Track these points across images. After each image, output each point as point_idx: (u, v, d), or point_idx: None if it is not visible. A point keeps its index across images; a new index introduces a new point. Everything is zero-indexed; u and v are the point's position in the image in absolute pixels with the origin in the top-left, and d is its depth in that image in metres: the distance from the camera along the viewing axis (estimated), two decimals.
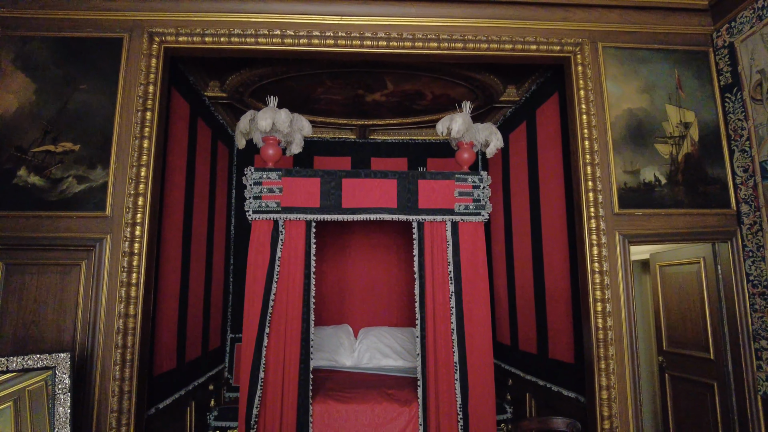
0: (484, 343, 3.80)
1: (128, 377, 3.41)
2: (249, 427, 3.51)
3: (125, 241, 3.58)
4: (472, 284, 3.88)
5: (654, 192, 4.01)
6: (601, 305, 3.74)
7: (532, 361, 4.94)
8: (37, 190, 3.69)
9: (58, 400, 2.93)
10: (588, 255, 3.80)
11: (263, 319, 3.67)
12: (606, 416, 3.63)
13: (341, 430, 3.69)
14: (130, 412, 3.39)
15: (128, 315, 3.47)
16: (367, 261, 6.28)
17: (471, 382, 3.75)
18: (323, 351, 5.46)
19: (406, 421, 3.75)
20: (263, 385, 3.60)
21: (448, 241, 3.92)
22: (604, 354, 3.69)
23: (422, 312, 3.85)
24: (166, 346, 4.14)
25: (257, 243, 3.81)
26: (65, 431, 2.88)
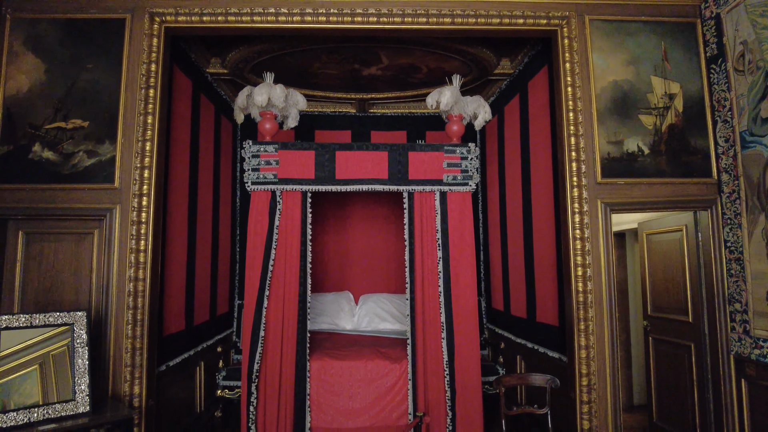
0: (470, 305, 4.04)
1: (139, 335, 3.71)
2: (251, 381, 3.83)
3: (133, 211, 3.85)
4: (459, 250, 4.10)
5: (637, 162, 4.16)
6: (581, 270, 3.94)
7: (522, 325, 5.19)
8: (51, 164, 3.95)
9: (77, 353, 3.24)
10: (570, 222, 3.99)
11: (263, 283, 3.94)
12: (584, 374, 3.87)
13: (337, 385, 3.99)
14: (142, 367, 3.71)
15: (138, 279, 3.76)
16: (366, 231, 6.52)
17: (457, 341, 4.01)
18: (325, 315, 5.76)
19: (396, 377, 4.04)
20: (264, 343, 3.89)
21: (436, 210, 4.13)
22: (584, 316, 3.91)
23: (411, 276, 4.09)
24: (175, 309, 4.44)
25: (256, 212, 4.06)
26: (84, 380, 3.20)
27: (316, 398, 3.95)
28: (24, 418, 2.92)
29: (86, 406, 3.15)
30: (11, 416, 2.88)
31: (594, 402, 3.86)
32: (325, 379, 4.00)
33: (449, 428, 3.94)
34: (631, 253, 6.37)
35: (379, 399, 3.99)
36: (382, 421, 3.95)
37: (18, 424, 2.89)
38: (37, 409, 2.98)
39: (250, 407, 3.82)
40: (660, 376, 4.83)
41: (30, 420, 2.93)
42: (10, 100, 3.98)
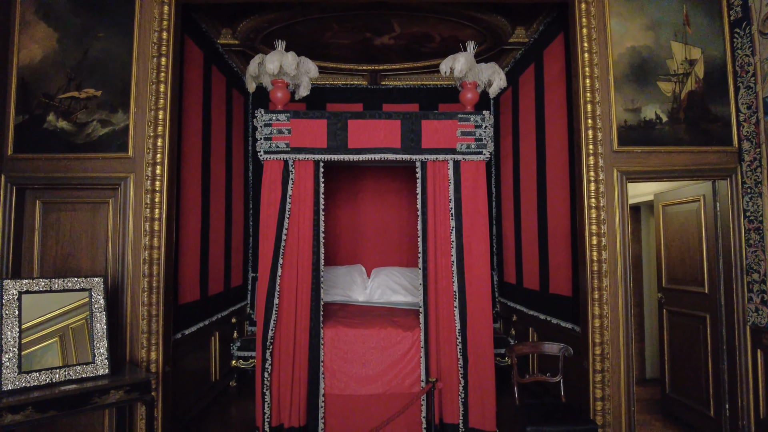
0: (482, 275, 4.03)
1: (155, 302, 3.77)
2: (265, 348, 3.87)
3: (147, 180, 3.87)
4: (471, 220, 4.07)
5: (654, 130, 4.07)
6: (596, 239, 3.90)
7: (534, 297, 5.18)
8: (66, 134, 3.98)
9: (95, 317, 3.29)
10: (585, 191, 3.94)
11: (276, 252, 3.95)
12: (598, 342, 3.86)
13: (350, 352, 4.02)
14: (158, 333, 3.77)
15: (153, 247, 3.80)
16: (378, 206, 6.52)
17: (470, 310, 4.01)
18: (338, 288, 5.80)
19: (409, 345, 4.06)
20: (278, 310, 3.93)
21: (449, 179, 4.09)
22: (598, 285, 3.89)
23: (424, 246, 4.08)
24: (190, 278, 4.49)
25: (269, 182, 4.06)
26: (103, 343, 3.26)
27: (329, 365, 3.99)
28: (46, 379, 2.99)
29: (105, 369, 3.22)
30: (34, 376, 2.95)
31: (607, 371, 3.86)
32: (338, 346, 4.03)
33: (461, 396, 3.96)
34: (646, 227, 6.29)
35: (391, 366, 4.02)
36: (394, 388, 3.99)
37: (41, 384, 2.96)
38: (59, 371, 3.05)
39: (264, 373, 3.88)
40: (673, 348, 4.80)
41: (52, 380, 3.00)
42: (24, 70, 4.00)
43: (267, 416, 3.87)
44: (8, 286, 3.03)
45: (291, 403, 3.89)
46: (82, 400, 2.95)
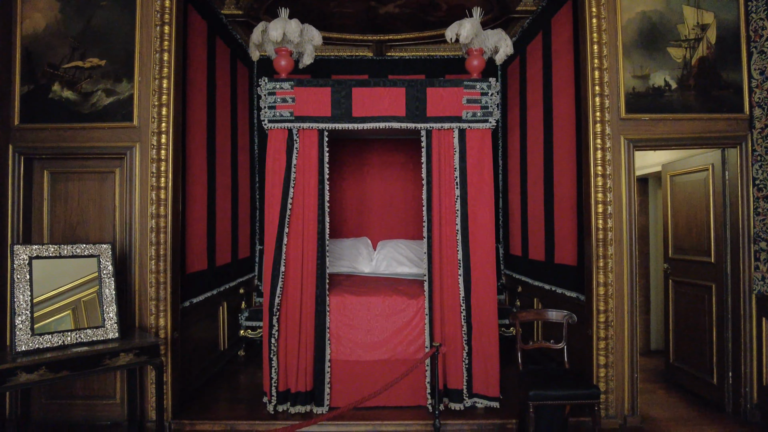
0: (486, 244, 4.04)
1: (163, 270, 3.82)
2: (272, 315, 3.92)
3: (152, 149, 3.88)
4: (476, 189, 4.06)
5: (663, 97, 4.01)
6: (602, 207, 3.89)
7: (539, 268, 5.18)
8: (71, 103, 3.99)
9: (104, 283, 3.35)
10: (592, 159, 3.91)
11: (282, 220, 3.98)
12: (602, 310, 3.88)
13: (355, 319, 4.07)
14: (166, 300, 3.83)
15: (159, 215, 3.83)
16: (384, 178, 6.50)
17: (474, 278, 4.02)
18: (343, 259, 5.84)
19: (413, 312, 4.10)
20: (284, 278, 3.97)
21: (455, 148, 4.07)
22: (603, 253, 3.89)
23: (429, 215, 4.08)
24: (197, 248, 4.54)
25: (274, 151, 4.06)
26: (112, 308, 3.32)
27: (335, 331, 4.04)
28: (58, 341, 3.06)
29: (115, 333, 3.29)
30: (47, 338, 3.03)
31: (611, 339, 3.89)
32: (344, 313, 4.08)
33: (465, 362, 4.01)
34: (653, 199, 6.24)
35: (396, 333, 4.06)
36: (399, 354, 4.04)
37: (53, 346, 3.03)
38: (70, 333, 3.12)
39: (271, 339, 3.94)
40: (678, 318, 4.81)
41: (64, 343, 3.08)
42: (28, 40, 3.99)
43: (274, 381, 3.95)
44: (19, 252, 3.08)
45: (298, 368, 3.96)
46: (94, 362, 3.02)
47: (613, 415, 3.91)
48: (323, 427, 3.76)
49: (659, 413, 4.17)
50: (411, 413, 3.93)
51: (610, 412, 3.90)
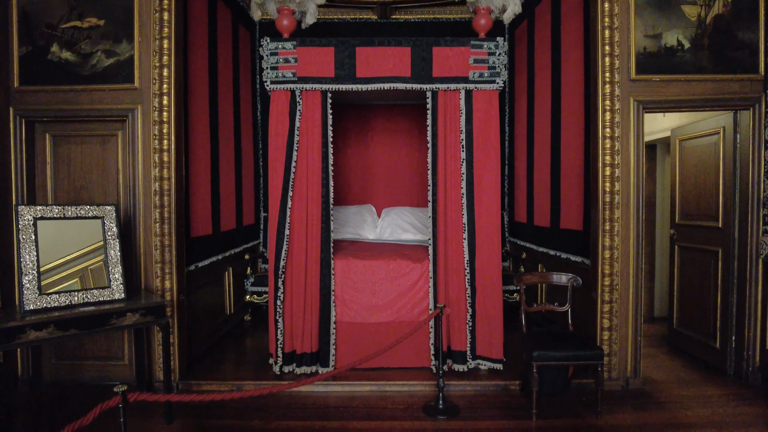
0: (492, 206, 4.01)
1: (167, 233, 3.82)
2: (277, 277, 3.94)
3: (154, 111, 3.84)
4: (483, 152, 4.01)
5: (675, 57, 3.91)
6: (609, 170, 3.83)
7: (544, 234, 5.16)
8: (70, 65, 3.92)
9: (109, 245, 3.36)
10: (600, 121, 3.83)
11: (286, 184, 3.95)
12: (607, 274, 3.87)
13: (360, 282, 4.08)
14: (171, 263, 3.84)
15: (163, 178, 3.81)
16: (389, 145, 6.43)
17: (478, 241, 4.01)
18: (348, 226, 5.83)
19: (418, 276, 4.10)
20: (289, 241, 3.97)
21: (461, 109, 4.00)
22: (610, 217, 3.85)
23: (434, 179, 4.04)
24: (201, 212, 4.53)
25: (276, 113, 4.00)
26: (118, 269, 3.33)
27: (340, 294, 4.06)
28: (66, 301, 3.08)
29: (121, 294, 3.31)
30: (54, 298, 3.05)
31: (615, 302, 3.89)
32: (348, 276, 4.09)
33: (469, 324, 4.03)
34: (661, 166, 6.17)
35: (401, 296, 4.08)
36: (403, 316, 4.06)
37: (61, 305, 3.05)
38: (77, 293, 3.14)
39: (277, 302, 3.97)
40: (683, 284, 4.80)
41: (71, 302, 3.10)
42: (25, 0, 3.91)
43: (280, 342, 3.99)
44: (23, 212, 3.07)
45: (303, 330, 3.99)
46: (101, 321, 3.05)
47: (616, 378, 3.94)
48: (329, 387, 3.82)
49: (661, 376, 4.21)
50: (415, 374, 3.97)
51: (613, 375, 3.93)
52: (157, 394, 2.11)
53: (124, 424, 1.99)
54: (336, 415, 3.45)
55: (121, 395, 1.93)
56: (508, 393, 3.82)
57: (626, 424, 3.31)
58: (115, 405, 1.92)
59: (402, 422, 3.33)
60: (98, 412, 1.89)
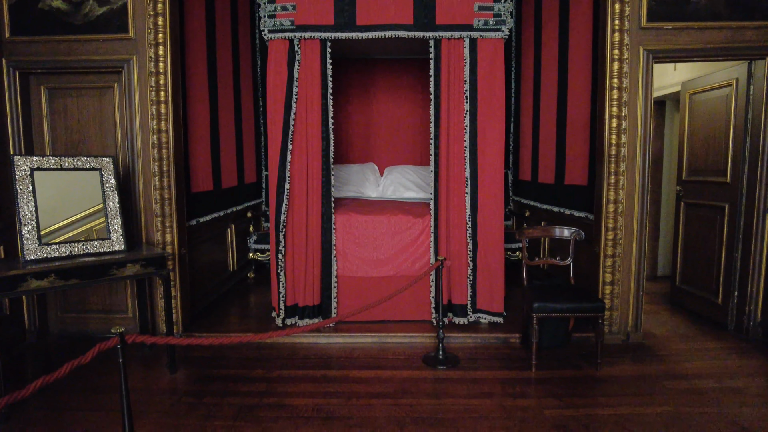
0: (495, 160, 3.94)
1: (167, 186, 3.79)
2: (278, 231, 3.93)
3: (150, 62, 3.74)
4: (487, 104, 3.91)
5: (689, 4, 3.74)
6: (616, 122, 3.74)
7: (549, 191, 5.10)
8: (62, 13, 3.81)
9: (107, 196, 3.33)
10: (608, 70, 3.71)
11: (285, 137, 3.88)
12: (611, 228, 3.82)
13: (361, 237, 4.06)
14: (171, 217, 3.83)
15: (161, 130, 3.75)
16: (391, 102, 6.31)
17: (481, 196, 3.96)
18: (350, 185, 5.78)
19: (419, 230, 4.08)
20: (289, 195, 3.93)
21: (465, 59, 3.88)
22: (615, 170, 3.78)
23: (437, 132, 3.96)
24: (201, 168, 4.49)
25: (275, 64, 3.90)
26: (117, 221, 3.32)
27: (342, 249, 4.05)
28: (66, 251, 3.09)
29: (121, 245, 3.31)
30: (54, 248, 3.05)
31: (618, 256, 3.86)
32: (350, 231, 4.07)
33: (470, 278, 4.03)
34: (669, 124, 6.03)
35: (402, 250, 4.07)
36: (405, 270, 4.06)
37: (62, 255, 3.06)
38: (77, 244, 3.14)
39: (278, 255, 3.96)
40: (688, 241, 4.76)
41: (72, 253, 3.10)
42: None
43: (282, 295, 4.01)
44: (19, 162, 3.04)
45: (305, 283, 4.01)
46: (101, 271, 3.05)
47: (617, 332, 3.95)
48: (330, 339, 3.86)
49: (662, 331, 4.22)
50: (415, 327, 4.00)
51: (614, 329, 3.95)
52: (156, 336, 2.12)
53: (123, 365, 2.01)
54: (337, 365, 3.49)
55: (119, 336, 1.94)
56: (508, 345, 3.84)
57: (625, 375, 3.34)
58: (113, 346, 1.93)
59: (402, 371, 3.37)
60: (96, 351, 1.90)
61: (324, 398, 3.00)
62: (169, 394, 3.06)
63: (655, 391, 3.11)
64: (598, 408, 2.89)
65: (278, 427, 2.66)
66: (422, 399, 2.98)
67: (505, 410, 2.85)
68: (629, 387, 3.17)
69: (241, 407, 2.89)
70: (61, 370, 1.76)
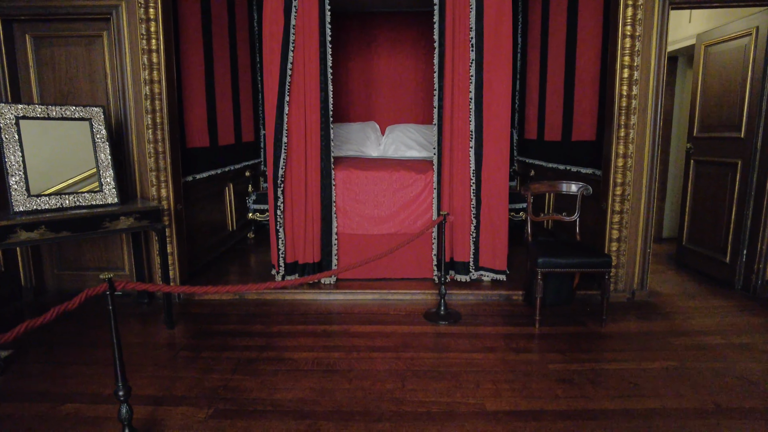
0: (501, 113, 3.78)
1: (161, 139, 3.67)
2: (276, 186, 3.82)
3: (140, 8, 3.56)
4: (494, 53, 3.73)
5: None
6: (628, 72, 3.57)
7: (555, 149, 4.96)
8: None
9: (98, 148, 3.21)
10: (621, 17, 3.52)
11: (282, 88, 3.73)
12: (619, 183, 3.70)
13: (362, 194, 3.95)
14: (167, 171, 3.72)
15: (153, 81, 3.60)
16: (394, 58, 6.10)
17: (486, 150, 3.83)
18: (350, 144, 5.64)
19: (421, 187, 3.96)
20: (287, 149, 3.80)
21: (471, 5, 3.68)
22: (625, 123, 3.63)
23: (440, 82, 3.80)
24: (196, 122, 4.35)
25: (270, 11, 3.71)
26: (109, 173, 3.21)
27: (342, 205, 3.95)
28: (56, 203, 2.99)
29: (114, 198, 3.21)
30: (44, 200, 2.95)
31: (626, 213, 3.75)
32: (350, 188, 3.95)
33: (473, 235, 3.94)
34: (681, 81, 5.82)
35: (404, 207, 3.96)
36: (406, 228, 3.97)
37: (51, 207, 2.96)
38: (68, 197, 3.04)
39: (277, 211, 3.87)
40: (697, 199, 4.63)
41: (62, 205, 3.01)
42: None
43: (281, 252, 3.94)
44: (3, 110, 2.91)
45: (305, 240, 3.92)
46: (93, 224, 2.96)
47: (622, 289, 3.88)
48: (330, 296, 3.81)
49: (667, 290, 4.15)
50: (417, 284, 3.94)
51: (619, 287, 3.87)
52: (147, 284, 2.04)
53: (113, 312, 1.93)
54: (338, 320, 3.44)
55: (107, 282, 1.86)
56: (510, 302, 3.78)
57: (630, 332, 3.28)
58: (102, 292, 1.85)
59: (403, 326, 3.31)
60: (84, 297, 1.83)
61: (324, 352, 2.95)
62: (166, 349, 3.02)
63: (661, 347, 3.05)
64: (603, 363, 2.83)
65: (277, 380, 2.62)
66: (423, 353, 2.93)
67: (508, 364, 2.80)
68: (634, 343, 3.11)
69: (240, 361, 2.84)
70: (47, 315, 1.69)
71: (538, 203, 5.26)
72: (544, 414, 2.30)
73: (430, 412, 2.31)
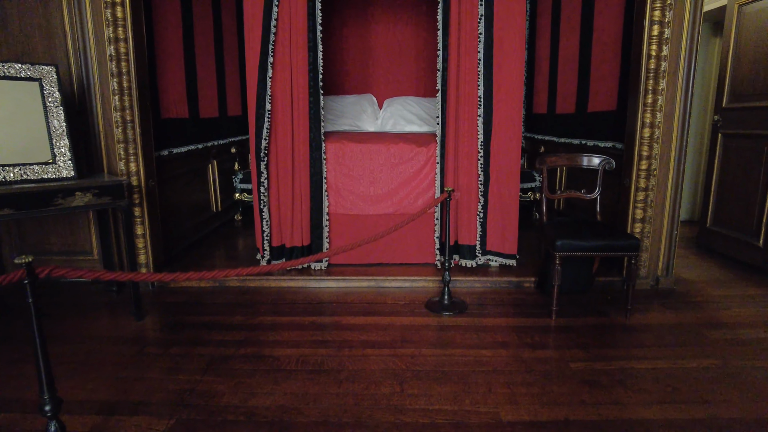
0: (514, 76, 3.35)
1: (128, 106, 3.23)
2: (259, 160, 3.39)
3: None
4: (505, 7, 3.28)
5: None
6: (657, 29, 3.13)
7: (569, 122, 4.53)
8: None
9: (50, 113, 2.78)
10: None
11: (265, 47, 3.28)
12: (645, 156, 3.28)
13: (356, 169, 3.54)
14: (136, 143, 3.29)
15: (118, 39, 3.16)
16: (392, 24, 5.60)
17: (495, 119, 3.40)
18: (345, 117, 5.19)
19: (423, 161, 3.54)
20: (271, 117, 3.37)
21: None
22: (654, 87, 3.20)
23: (445, 42, 3.35)
24: (173, 90, 3.92)
25: None
26: (64, 142, 2.79)
27: (333, 183, 3.53)
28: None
29: (70, 171, 2.79)
30: None
31: (652, 190, 3.34)
32: (343, 162, 3.53)
33: (480, 216, 3.53)
34: (703, 50, 5.36)
35: (403, 184, 3.55)
36: (406, 208, 3.56)
37: None
38: (12, 169, 2.62)
39: (260, 188, 3.45)
40: (724, 177, 4.22)
41: (5, 179, 2.59)
42: None
43: (266, 235, 3.53)
44: None
45: (293, 222, 3.51)
46: (44, 200, 2.55)
47: (645, 276, 3.49)
48: (321, 283, 3.42)
49: (693, 276, 3.77)
50: (417, 270, 3.55)
51: (642, 273, 3.48)
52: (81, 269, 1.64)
53: (33, 305, 1.54)
54: (328, 311, 3.05)
55: (25, 267, 1.46)
56: (522, 290, 3.40)
57: (659, 324, 2.90)
58: (18, 280, 1.45)
59: (401, 318, 2.92)
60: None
61: (311, 348, 2.57)
62: (130, 344, 2.63)
63: (697, 342, 2.67)
64: (633, 360, 2.45)
65: (254, 382, 2.24)
66: (425, 349, 2.55)
67: (523, 363, 2.42)
68: (666, 337, 2.73)
69: (213, 359, 2.46)
70: None
71: (549, 182, 4.83)
72: (570, 426, 1.92)
73: (435, 423, 1.93)
